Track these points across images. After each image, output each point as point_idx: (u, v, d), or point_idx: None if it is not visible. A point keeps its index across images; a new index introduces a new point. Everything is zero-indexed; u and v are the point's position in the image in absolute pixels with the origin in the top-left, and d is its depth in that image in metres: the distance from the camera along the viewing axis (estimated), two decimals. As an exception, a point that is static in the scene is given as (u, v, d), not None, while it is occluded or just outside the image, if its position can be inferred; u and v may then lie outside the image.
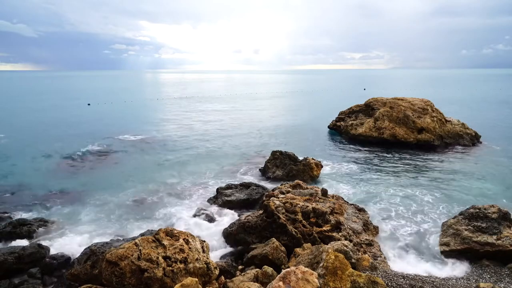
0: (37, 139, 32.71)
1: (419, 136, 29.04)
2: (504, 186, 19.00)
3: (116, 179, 21.03)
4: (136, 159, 25.57)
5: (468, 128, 30.63)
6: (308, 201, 13.79)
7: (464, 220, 12.76)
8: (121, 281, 8.42)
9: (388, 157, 25.41)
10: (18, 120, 44.77)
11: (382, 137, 29.59)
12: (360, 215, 14.15)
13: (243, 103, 66.04)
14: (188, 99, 74.86)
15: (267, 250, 10.75)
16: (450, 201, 17.06)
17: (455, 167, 22.66)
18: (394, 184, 19.57)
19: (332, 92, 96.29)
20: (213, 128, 38.60)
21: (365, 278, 7.85)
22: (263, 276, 9.03)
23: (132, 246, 8.94)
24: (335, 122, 35.87)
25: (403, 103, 31.38)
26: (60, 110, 55.79)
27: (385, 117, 30.37)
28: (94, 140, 31.90)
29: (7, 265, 11.02)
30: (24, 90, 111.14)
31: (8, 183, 20.26)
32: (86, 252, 10.89)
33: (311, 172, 20.45)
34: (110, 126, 40.12)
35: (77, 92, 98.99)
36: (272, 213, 12.56)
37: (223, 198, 16.99)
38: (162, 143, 30.93)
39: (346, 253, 9.59)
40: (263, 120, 44.73)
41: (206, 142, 31.34)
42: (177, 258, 8.95)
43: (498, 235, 11.70)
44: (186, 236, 9.86)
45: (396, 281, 8.99)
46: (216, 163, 24.61)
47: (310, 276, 7.60)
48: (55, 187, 19.61)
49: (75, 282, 10.06)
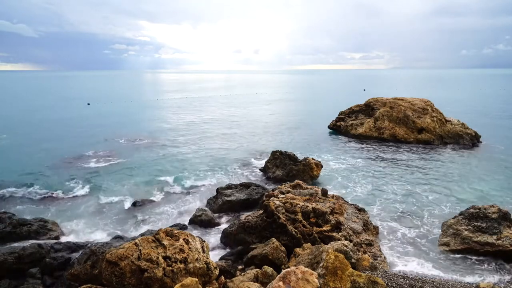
0: (37, 139, 32.71)
1: (419, 136, 29.05)
2: (504, 186, 19.00)
3: (116, 179, 21.03)
4: (135, 159, 25.56)
5: (468, 128, 30.64)
6: (308, 201, 13.79)
7: (464, 220, 12.76)
8: (121, 281, 8.41)
9: (388, 157, 25.40)
10: (18, 120, 44.78)
11: (382, 137, 29.59)
12: (360, 215, 14.14)
13: (243, 103, 66.06)
14: (188, 99, 74.87)
15: (267, 250, 10.74)
16: (450, 201, 17.07)
17: (455, 167, 22.66)
18: (394, 184, 19.58)
19: (332, 92, 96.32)
20: (213, 128, 38.61)
21: (365, 278, 7.85)
22: (263, 276, 9.02)
23: (132, 246, 8.94)
24: (335, 122, 35.87)
25: (403, 103, 31.39)
26: (60, 110, 55.80)
27: (385, 117, 30.37)
28: (94, 140, 31.91)
29: (7, 265, 11.01)
30: (24, 90, 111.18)
31: (8, 183, 20.26)
32: (86, 252, 10.88)
33: (311, 172, 20.45)
34: (110, 126, 40.12)
35: (77, 92, 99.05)
36: (272, 213, 12.55)
37: (223, 198, 16.98)
38: (161, 143, 30.93)
39: (346, 253, 9.59)
40: (263, 120, 44.74)
41: (206, 142, 31.34)
42: (177, 258, 8.95)
43: (498, 235, 11.70)
44: (186, 236, 9.86)
45: (396, 281, 8.99)
46: (216, 163, 24.62)
47: (310, 276, 7.60)
48: (55, 187, 19.61)
49: (75, 282, 10.05)
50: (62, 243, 13.08)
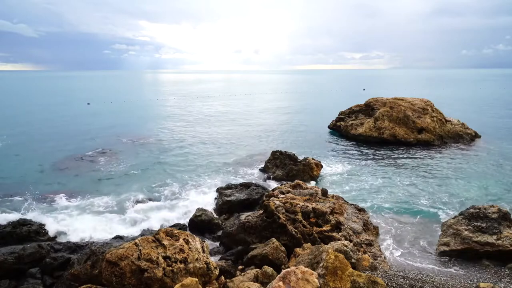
0: (36, 139, 32.71)
1: (419, 136, 29.05)
2: (504, 186, 19.00)
3: (116, 179, 21.04)
4: (135, 159, 25.56)
5: (468, 128, 30.64)
6: (308, 201, 13.79)
7: (464, 220, 12.76)
8: (121, 281, 8.41)
9: (388, 157, 25.40)
10: (18, 120, 44.76)
11: (382, 137, 29.58)
12: (360, 215, 14.14)
13: (243, 103, 66.04)
14: (188, 99, 74.86)
15: (267, 250, 10.74)
16: (450, 201, 17.07)
17: (455, 167, 22.66)
18: (394, 184, 19.58)
19: (332, 92, 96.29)
20: (213, 128, 38.60)
21: (365, 278, 7.84)
22: (263, 276, 9.02)
23: (132, 246, 8.93)
24: (335, 122, 35.87)
25: (403, 103, 31.39)
26: (60, 110, 55.79)
27: (385, 117, 30.37)
28: (93, 140, 31.91)
29: (7, 265, 11.01)
30: (24, 90, 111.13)
31: (8, 183, 20.27)
32: (86, 252, 10.87)
33: (311, 172, 20.45)
34: (110, 125, 40.13)
35: (77, 92, 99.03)
36: (272, 213, 12.55)
37: (223, 198, 16.99)
38: (161, 143, 30.93)
39: (346, 253, 9.58)
40: (263, 120, 44.74)
41: (206, 142, 31.33)
42: (177, 258, 8.95)
43: (498, 235, 11.70)
44: (186, 236, 9.85)
45: (396, 281, 8.98)
46: (216, 163, 24.62)
47: (310, 276, 7.60)
48: (55, 187, 19.62)
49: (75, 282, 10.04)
50: (62, 243, 13.09)
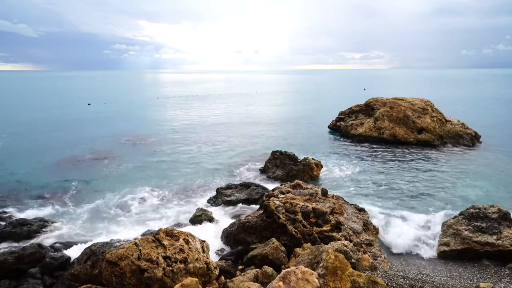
0: (37, 139, 32.71)
1: (419, 136, 29.04)
2: (504, 186, 19.00)
3: (116, 179, 21.03)
4: (135, 159, 25.56)
5: (468, 128, 30.63)
6: (308, 201, 13.79)
7: (464, 220, 12.76)
8: (121, 281, 8.42)
9: (388, 157, 25.40)
10: (18, 120, 44.76)
11: (382, 137, 29.58)
12: (360, 215, 14.14)
13: (242, 103, 66.04)
14: (188, 99, 74.85)
15: (267, 250, 10.74)
16: (450, 201, 17.07)
17: (455, 167, 22.66)
18: (394, 184, 19.58)
19: (332, 92, 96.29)
20: (212, 128, 38.60)
21: (365, 278, 7.84)
22: (263, 276, 9.02)
23: (132, 246, 8.94)
24: (335, 122, 35.87)
25: (403, 103, 31.39)
26: (60, 110, 55.79)
27: (385, 117, 30.37)
28: (94, 140, 31.91)
29: (7, 265, 11.01)
30: (24, 90, 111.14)
31: (8, 183, 20.26)
32: (86, 252, 10.89)
33: (311, 172, 20.45)
34: (110, 125, 40.13)
35: (77, 92, 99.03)
36: (272, 213, 12.55)
37: (223, 198, 16.99)
38: (161, 143, 30.92)
39: (346, 253, 9.58)
40: (263, 120, 44.73)
41: (206, 142, 31.33)
42: (177, 258, 8.95)
43: (498, 235, 11.70)
44: (186, 236, 9.86)
45: (396, 281, 8.98)
46: (216, 163, 24.62)
47: (310, 276, 7.60)
48: (55, 187, 19.61)
49: (75, 282, 10.05)
50: (62, 243, 13.10)
